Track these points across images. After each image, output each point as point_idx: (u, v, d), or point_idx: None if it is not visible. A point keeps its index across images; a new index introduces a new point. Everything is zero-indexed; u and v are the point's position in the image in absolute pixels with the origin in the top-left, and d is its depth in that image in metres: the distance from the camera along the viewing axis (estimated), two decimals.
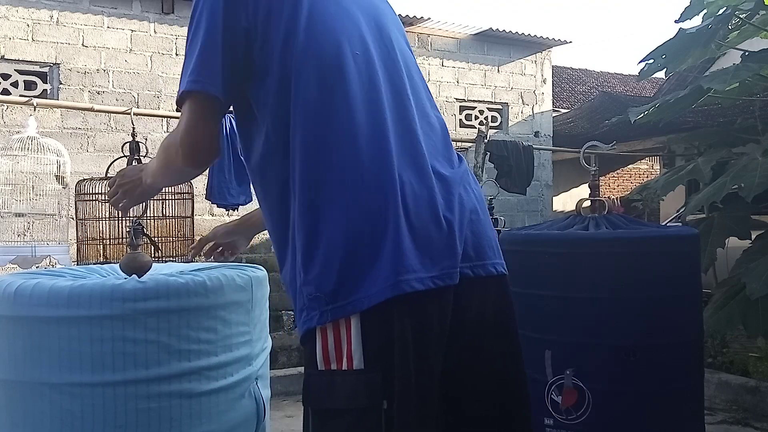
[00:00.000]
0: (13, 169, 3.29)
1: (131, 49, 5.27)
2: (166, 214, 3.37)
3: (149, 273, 1.53)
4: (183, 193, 3.43)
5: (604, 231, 2.35)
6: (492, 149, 5.14)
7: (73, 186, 3.33)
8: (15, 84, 4.92)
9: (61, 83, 5.02)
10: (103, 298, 1.29)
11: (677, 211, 6.82)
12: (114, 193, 1.35)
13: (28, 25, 4.93)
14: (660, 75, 4.52)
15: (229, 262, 1.69)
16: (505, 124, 7.01)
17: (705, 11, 3.74)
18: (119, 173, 1.37)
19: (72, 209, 3.36)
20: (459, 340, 1.12)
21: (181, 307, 1.33)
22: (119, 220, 3.13)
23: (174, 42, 5.41)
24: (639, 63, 3.99)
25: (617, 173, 13.34)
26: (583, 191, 2.89)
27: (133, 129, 3.41)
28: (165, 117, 5.17)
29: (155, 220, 3.27)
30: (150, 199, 1.71)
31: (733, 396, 3.65)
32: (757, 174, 3.38)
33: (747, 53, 3.79)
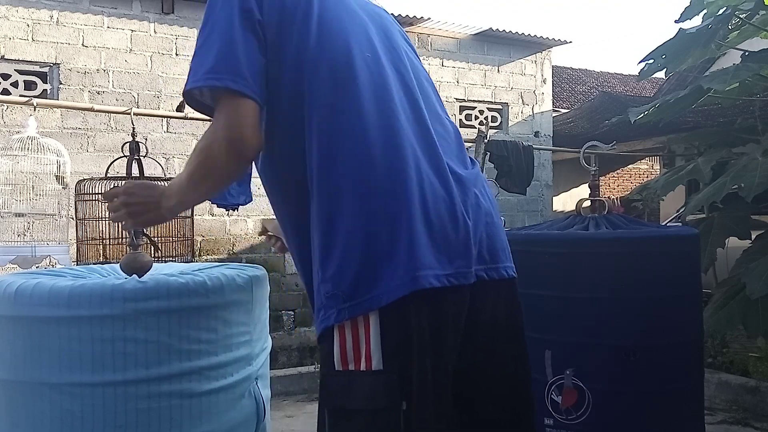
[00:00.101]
0: (13, 169, 3.29)
1: (131, 49, 5.26)
2: None
3: (149, 273, 1.53)
4: None
5: (604, 231, 2.35)
6: (492, 149, 5.13)
7: (73, 186, 3.33)
8: (15, 84, 4.91)
9: (61, 83, 5.02)
10: (104, 298, 1.30)
11: (677, 211, 6.82)
12: (116, 209, 1.22)
13: (28, 25, 4.93)
14: (660, 75, 4.52)
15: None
16: (505, 124, 7.00)
17: (705, 11, 3.74)
18: (127, 189, 1.21)
19: (72, 209, 3.36)
20: (473, 341, 1.12)
21: (181, 307, 1.33)
22: None
23: (174, 42, 5.41)
24: (639, 63, 3.99)
25: (617, 173, 13.34)
26: (583, 191, 2.89)
27: (133, 129, 3.41)
28: (165, 117, 5.17)
29: None
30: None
31: (733, 396, 3.65)
32: (757, 174, 3.38)
33: (747, 53, 3.79)
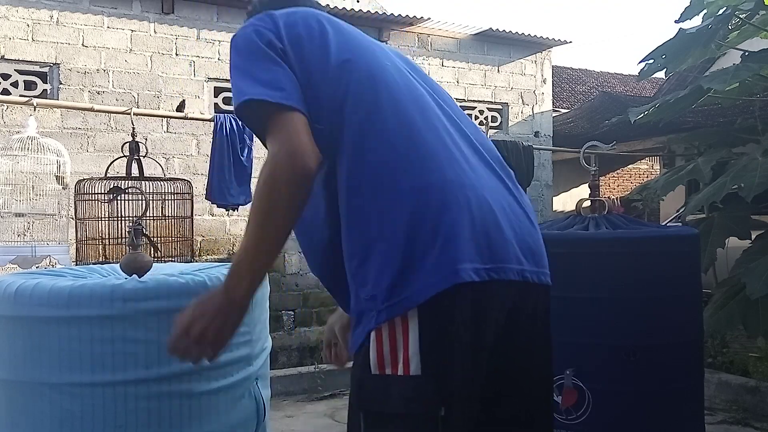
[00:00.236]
0: (13, 169, 3.29)
1: (131, 49, 5.26)
2: (165, 214, 3.36)
3: (149, 273, 1.53)
4: (182, 194, 3.42)
5: (604, 231, 2.35)
6: None
7: (73, 186, 3.33)
8: (15, 84, 4.91)
9: (61, 83, 5.02)
10: (103, 298, 1.29)
11: (677, 211, 6.82)
12: (196, 344, 1.07)
13: (28, 25, 4.93)
14: (660, 75, 4.52)
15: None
16: (505, 124, 7.00)
17: (705, 11, 3.74)
18: (190, 317, 1.08)
19: (72, 209, 3.36)
20: (514, 339, 1.12)
21: (182, 307, 1.33)
22: (119, 220, 3.12)
23: (174, 42, 5.41)
24: (639, 63, 3.99)
25: (617, 173, 13.33)
26: (583, 191, 2.89)
27: (133, 129, 3.41)
28: (165, 117, 5.17)
29: (154, 220, 3.26)
30: (151, 202, 1.61)
31: (733, 396, 3.65)
32: (757, 174, 3.38)
33: (747, 53, 3.79)
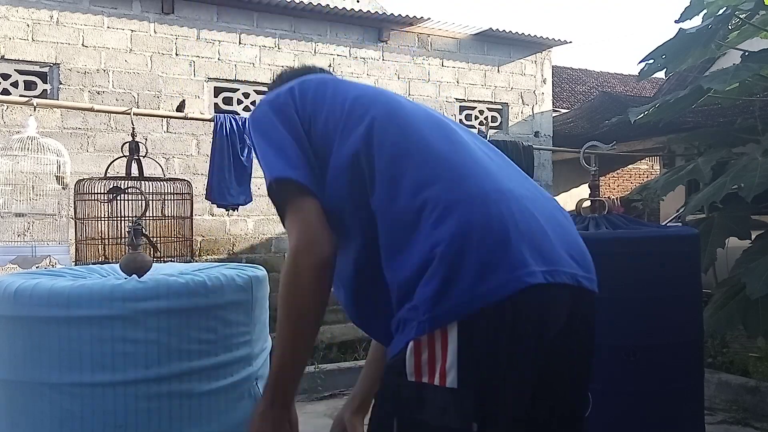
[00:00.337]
0: (13, 169, 3.29)
1: (131, 49, 5.26)
2: (165, 214, 3.36)
3: (149, 273, 1.53)
4: (182, 194, 3.42)
5: (604, 231, 2.35)
6: None
7: (73, 186, 3.33)
8: (15, 84, 4.91)
9: (61, 83, 5.02)
10: (103, 298, 1.29)
11: (677, 211, 6.82)
12: None
13: (28, 25, 4.93)
14: (660, 75, 4.52)
15: None
16: (505, 124, 7.00)
17: (705, 11, 3.74)
18: None
19: (72, 209, 3.36)
20: (569, 347, 1.11)
21: (181, 307, 1.33)
22: (119, 220, 3.12)
23: (174, 42, 5.41)
24: (639, 63, 3.99)
25: (617, 173, 13.34)
26: (583, 191, 2.89)
27: (133, 129, 3.41)
28: (165, 117, 5.17)
29: (154, 220, 3.26)
30: (151, 202, 1.66)
31: (733, 396, 3.65)
32: (757, 174, 3.38)
33: (747, 53, 3.79)
